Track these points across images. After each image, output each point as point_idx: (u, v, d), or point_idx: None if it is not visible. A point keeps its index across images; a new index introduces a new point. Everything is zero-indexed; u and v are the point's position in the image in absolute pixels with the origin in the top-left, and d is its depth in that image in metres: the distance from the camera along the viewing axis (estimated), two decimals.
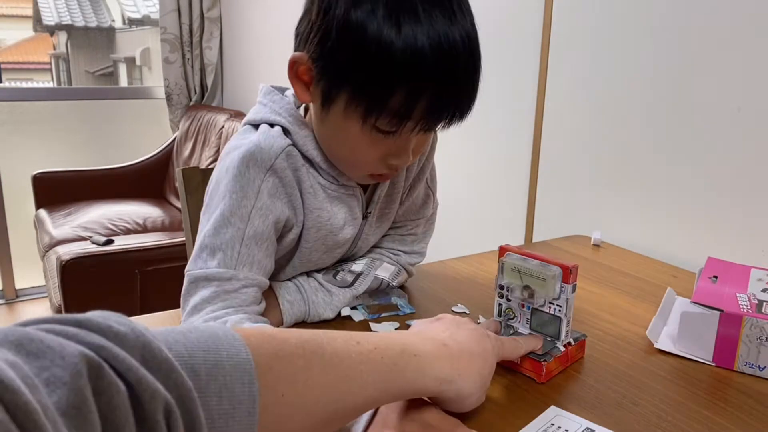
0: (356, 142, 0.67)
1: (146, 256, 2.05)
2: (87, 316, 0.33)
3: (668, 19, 1.09)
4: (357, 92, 0.63)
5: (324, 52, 0.63)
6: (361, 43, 0.60)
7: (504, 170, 1.48)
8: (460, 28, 0.61)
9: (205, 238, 0.67)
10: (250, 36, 2.70)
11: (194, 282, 0.66)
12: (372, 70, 0.61)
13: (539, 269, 0.63)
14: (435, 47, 0.59)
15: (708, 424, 0.57)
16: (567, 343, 0.65)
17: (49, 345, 0.28)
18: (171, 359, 0.33)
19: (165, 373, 0.32)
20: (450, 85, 0.62)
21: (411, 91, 0.61)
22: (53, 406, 0.26)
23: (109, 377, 0.29)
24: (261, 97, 0.75)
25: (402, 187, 0.81)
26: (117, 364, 0.30)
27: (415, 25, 0.59)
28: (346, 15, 0.60)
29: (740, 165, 1.00)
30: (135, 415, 0.30)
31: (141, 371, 0.31)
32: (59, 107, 3.01)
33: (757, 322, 0.65)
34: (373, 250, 0.86)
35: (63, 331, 0.31)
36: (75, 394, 0.27)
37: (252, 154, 0.68)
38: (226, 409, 0.35)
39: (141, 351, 0.32)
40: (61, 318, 0.32)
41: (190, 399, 0.33)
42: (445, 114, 0.64)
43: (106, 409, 0.29)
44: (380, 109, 0.62)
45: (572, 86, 1.29)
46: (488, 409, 0.58)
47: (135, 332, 0.33)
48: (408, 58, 0.59)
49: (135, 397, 0.30)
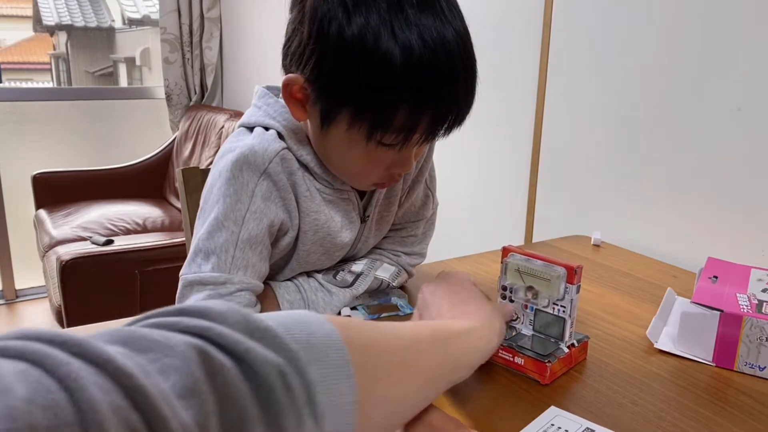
0: (360, 158, 0.66)
1: (146, 256, 2.05)
2: (186, 304, 0.34)
3: (668, 19, 1.09)
4: (360, 111, 0.62)
5: (322, 74, 0.62)
6: (360, 60, 0.59)
7: (504, 170, 1.48)
8: (453, 29, 0.60)
9: (200, 242, 0.67)
10: (250, 36, 2.69)
11: (188, 286, 0.66)
12: (375, 88, 0.60)
13: (543, 270, 0.63)
14: (431, 52, 0.58)
15: (708, 424, 0.57)
16: (570, 344, 0.65)
17: (155, 339, 0.29)
18: (273, 327, 0.34)
19: (270, 340, 0.33)
20: (450, 90, 0.61)
21: (414, 106, 0.60)
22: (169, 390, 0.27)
23: (217, 358, 0.30)
24: (256, 100, 0.74)
25: (400, 190, 0.81)
26: (223, 341, 0.31)
27: (409, 31, 0.58)
28: (340, 32, 0.59)
29: (740, 165, 1.00)
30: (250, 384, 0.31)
31: (248, 342, 0.32)
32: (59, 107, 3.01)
33: (757, 322, 0.65)
34: (374, 250, 0.86)
35: (165, 323, 0.31)
36: (187, 377, 0.28)
37: (246, 158, 0.67)
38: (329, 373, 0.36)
39: (244, 324, 0.33)
40: (162, 311, 0.33)
41: (298, 359, 0.34)
42: (447, 121, 0.63)
43: (223, 386, 0.29)
44: (385, 126, 0.62)
45: (572, 86, 1.29)
46: (489, 409, 0.58)
47: (233, 309, 0.34)
48: (408, 68, 0.58)
49: (247, 368, 0.31)
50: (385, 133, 0.62)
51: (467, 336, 0.53)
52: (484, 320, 0.57)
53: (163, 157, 2.96)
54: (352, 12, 0.58)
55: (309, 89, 0.64)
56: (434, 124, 0.63)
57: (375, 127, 0.62)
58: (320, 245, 0.76)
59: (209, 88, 2.94)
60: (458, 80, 0.61)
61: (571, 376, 0.65)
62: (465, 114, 0.64)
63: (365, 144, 0.63)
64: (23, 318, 2.72)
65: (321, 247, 0.76)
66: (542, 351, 0.63)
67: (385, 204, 0.80)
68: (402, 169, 0.69)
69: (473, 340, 0.54)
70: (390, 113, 0.61)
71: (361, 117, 0.62)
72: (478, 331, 0.55)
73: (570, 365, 0.66)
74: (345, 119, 0.63)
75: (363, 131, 0.62)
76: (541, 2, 1.32)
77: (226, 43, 2.93)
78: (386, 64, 0.58)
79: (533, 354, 0.63)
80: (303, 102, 0.66)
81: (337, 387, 0.36)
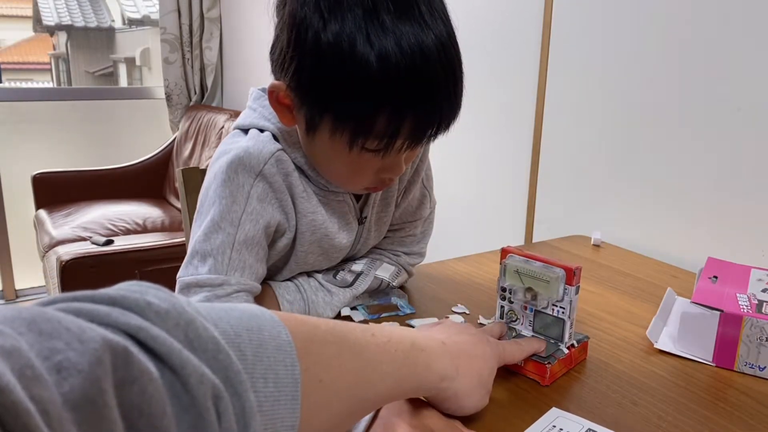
0: (347, 163, 0.66)
1: (146, 256, 2.05)
2: (122, 292, 0.29)
3: (668, 19, 1.09)
4: (340, 119, 0.61)
5: (301, 82, 0.62)
6: (336, 66, 0.58)
7: (504, 170, 1.48)
8: (432, 35, 0.59)
9: (196, 244, 0.67)
10: (250, 36, 2.69)
11: (186, 288, 0.66)
12: (352, 96, 0.59)
13: (542, 271, 0.63)
14: (407, 59, 0.57)
15: (708, 424, 0.57)
16: (570, 345, 0.65)
17: (67, 327, 0.25)
18: (218, 338, 0.31)
19: (212, 354, 0.30)
20: (431, 95, 0.60)
21: (394, 112, 0.60)
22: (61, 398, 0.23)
23: (139, 365, 0.26)
24: (251, 102, 0.74)
25: (396, 190, 0.81)
26: (157, 346, 0.28)
27: (385, 38, 0.57)
28: (316, 38, 0.59)
29: (740, 165, 1.00)
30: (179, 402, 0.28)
31: (185, 353, 0.28)
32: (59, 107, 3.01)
33: (757, 323, 0.65)
34: (373, 250, 0.86)
35: (92, 311, 0.28)
36: (91, 384, 0.24)
37: (240, 160, 0.67)
38: (272, 392, 0.33)
39: (185, 330, 0.30)
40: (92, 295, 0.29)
41: (239, 382, 0.30)
42: (430, 127, 0.62)
43: (139, 400, 0.26)
44: (366, 132, 0.61)
45: (572, 86, 1.29)
46: (490, 410, 0.58)
47: (177, 308, 0.30)
48: (384, 75, 0.57)
49: (179, 383, 0.28)
50: (367, 139, 0.62)
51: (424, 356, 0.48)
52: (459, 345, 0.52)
53: (163, 157, 2.96)
54: (327, 18, 0.58)
55: (292, 96, 0.64)
56: (417, 130, 0.62)
57: (356, 134, 0.61)
58: (318, 246, 0.75)
59: (209, 89, 2.94)
60: (438, 86, 0.60)
61: (571, 376, 0.65)
62: (450, 120, 0.63)
63: (348, 150, 0.63)
64: None
65: (319, 248, 0.76)
66: (542, 352, 0.63)
67: (381, 205, 0.80)
68: (392, 174, 0.69)
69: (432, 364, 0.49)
70: (369, 119, 0.60)
71: (342, 123, 0.61)
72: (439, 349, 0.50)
73: (570, 366, 0.66)
74: (328, 126, 0.63)
75: (345, 138, 0.62)
76: (541, 2, 1.32)
77: (226, 43, 2.93)
78: (362, 70, 0.57)
79: (533, 355, 0.63)
80: (290, 108, 0.66)
81: (278, 411, 0.33)
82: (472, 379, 0.52)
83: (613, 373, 0.66)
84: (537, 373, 0.63)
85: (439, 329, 0.56)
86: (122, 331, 0.27)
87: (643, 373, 0.67)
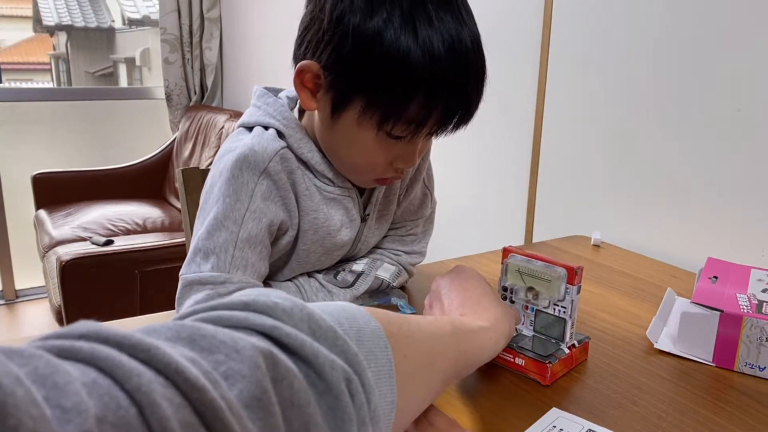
0: (367, 148, 0.67)
1: (146, 256, 2.05)
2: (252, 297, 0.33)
3: (668, 19, 1.09)
4: (373, 100, 0.63)
5: (339, 61, 0.63)
6: (380, 52, 0.60)
7: (504, 170, 1.48)
8: (468, 31, 0.62)
9: (199, 242, 0.67)
10: (250, 36, 2.69)
11: (188, 286, 0.66)
12: (391, 80, 0.61)
13: (544, 270, 0.63)
14: (449, 52, 0.60)
15: (708, 424, 0.57)
16: (571, 345, 0.65)
17: (222, 340, 0.28)
18: (335, 327, 0.33)
19: (332, 341, 0.33)
20: (463, 89, 0.63)
21: (428, 98, 0.62)
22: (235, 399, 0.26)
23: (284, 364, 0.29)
24: (255, 100, 0.75)
25: (399, 188, 0.81)
26: (291, 342, 0.30)
27: (431, 30, 0.60)
28: (361, 24, 0.60)
29: (740, 165, 1.00)
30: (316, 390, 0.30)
31: (315, 345, 0.31)
32: (59, 108, 3.01)
33: (757, 323, 0.65)
34: (374, 250, 0.86)
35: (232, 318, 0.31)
36: (255, 385, 0.27)
37: (245, 158, 0.68)
38: (375, 372, 0.36)
39: (308, 323, 0.32)
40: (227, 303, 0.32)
41: (357, 362, 0.33)
42: (455, 117, 0.65)
43: (289, 395, 0.29)
44: (398, 116, 0.63)
45: (572, 86, 1.29)
46: (489, 410, 0.58)
47: (298, 305, 0.33)
48: (427, 66, 0.60)
49: (314, 372, 0.30)
50: (396, 123, 0.63)
51: (480, 335, 0.54)
52: (495, 321, 0.57)
53: (163, 158, 2.96)
54: (375, 4, 0.60)
55: (323, 76, 0.65)
56: (444, 118, 0.64)
57: (387, 117, 0.63)
58: (320, 245, 0.76)
59: (209, 89, 2.94)
60: (470, 78, 0.63)
61: (571, 376, 0.65)
62: (473, 111, 0.66)
63: (375, 133, 0.65)
64: (23, 318, 2.72)
65: (321, 247, 0.76)
66: (543, 352, 0.63)
67: (384, 203, 0.81)
68: (406, 164, 0.70)
69: (484, 340, 0.55)
70: (404, 105, 0.62)
71: (374, 106, 0.63)
72: (489, 332, 0.55)
73: (571, 366, 0.66)
74: (357, 107, 0.64)
75: (375, 120, 0.63)
76: (541, 2, 1.32)
77: (226, 44, 2.93)
78: (405, 59, 0.59)
79: (534, 355, 0.63)
80: (314, 91, 0.67)
81: (383, 388, 0.36)
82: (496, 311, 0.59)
83: (613, 373, 0.66)
84: (537, 372, 0.63)
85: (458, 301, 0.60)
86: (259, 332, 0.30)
87: (643, 373, 0.67)
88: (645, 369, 0.67)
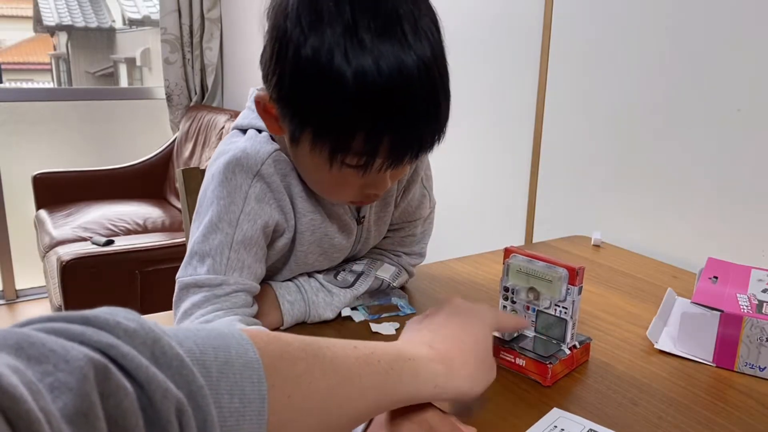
0: (329, 177, 0.64)
1: (146, 256, 2.05)
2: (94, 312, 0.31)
3: (668, 19, 1.09)
4: (319, 134, 0.60)
5: (282, 95, 0.61)
6: (315, 82, 0.57)
7: (504, 170, 1.48)
8: (413, 56, 0.56)
9: (195, 245, 0.67)
10: (250, 36, 2.69)
11: (185, 288, 0.66)
12: (329, 113, 0.58)
13: (545, 271, 0.63)
14: (386, 79, 0.55)
15: (708, 424, 0.57)
16: (572, 345, 0.65)
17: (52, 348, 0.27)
18: (182, 355, 0.32)
19: (176, 370, 0.31)
20: (411, 119, 0.58)
21: (371, 132, 0.58)
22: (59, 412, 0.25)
23: (116, 380, 0.28)
24: (250, 102, 0.74)
25: (395, 191, 0.81)
26: (126, 363, 0.29)
27: (363, 56, 0.55)
28: (296, 52, 0.57)
29: (740, 165, 1.00)
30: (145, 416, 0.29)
31: (151, 369, 0.30)
32: (59, 108, 3.01)
33: (758, 323, 0.65)
34: (374, 250, 0.86)
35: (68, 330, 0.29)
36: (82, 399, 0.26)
37: (238, 160, 0.67)
38: (237, 408, 0.34)
39: (151, 348, 0.31)
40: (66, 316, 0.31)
41: (201, 396, 0.32)
42: (410, 150, 0.60)
43: (115, 413, 0.27)
44: (345, 149, 0.60)
45: (572, 87, 1.29)
46: (490, 410, 0.58)
47: (144, 328, 0.32)
48: (361, 95, 0.56)
49: (146, 397, 0.29)
50: (346, 156, 0.60)
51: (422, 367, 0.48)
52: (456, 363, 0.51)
53: (163, 158, 2.96)
54: (307, 33, 0.57)
55: (275, 107, 0.64)
56: (395, 152, 0.60)
57: (335, 150, 0.60)
58: (318, 246, 0.76)
59: (209, 89, 2.94)
60: (417, 109, 0.58)
61: (571, 376, 0.65)
62: (431, 143, 0.61)
63: (329, 166, 0.62)
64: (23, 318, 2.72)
65: (319, 248, 0.76)
66: (544, 352, 0.63)
67: (381, 205, 0.80)
68: (376, 190, 0.67)
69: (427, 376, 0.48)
70: (347, 136, 0.59)
71: (321, 139, 0.60)
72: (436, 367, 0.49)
73: (572, 367, 0.66)
74: (308, 139, 0.61)
75: (325, 153, 0.60)
76: (541, 3, 1.32)
77: (226, 44, 2.93)
78: (339, 87, 0.56)
79: (535, 355, 0.63)
80: (276, 118, 0.65)
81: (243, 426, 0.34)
82: (469, 366, 0.52)
83: (613, 373, 0.66)
84: (538, 373, 0.63)
85: (428, 325, 0.55)
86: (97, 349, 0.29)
87: (644, 373, 0.67)
88: (645, 369, 0.67)
